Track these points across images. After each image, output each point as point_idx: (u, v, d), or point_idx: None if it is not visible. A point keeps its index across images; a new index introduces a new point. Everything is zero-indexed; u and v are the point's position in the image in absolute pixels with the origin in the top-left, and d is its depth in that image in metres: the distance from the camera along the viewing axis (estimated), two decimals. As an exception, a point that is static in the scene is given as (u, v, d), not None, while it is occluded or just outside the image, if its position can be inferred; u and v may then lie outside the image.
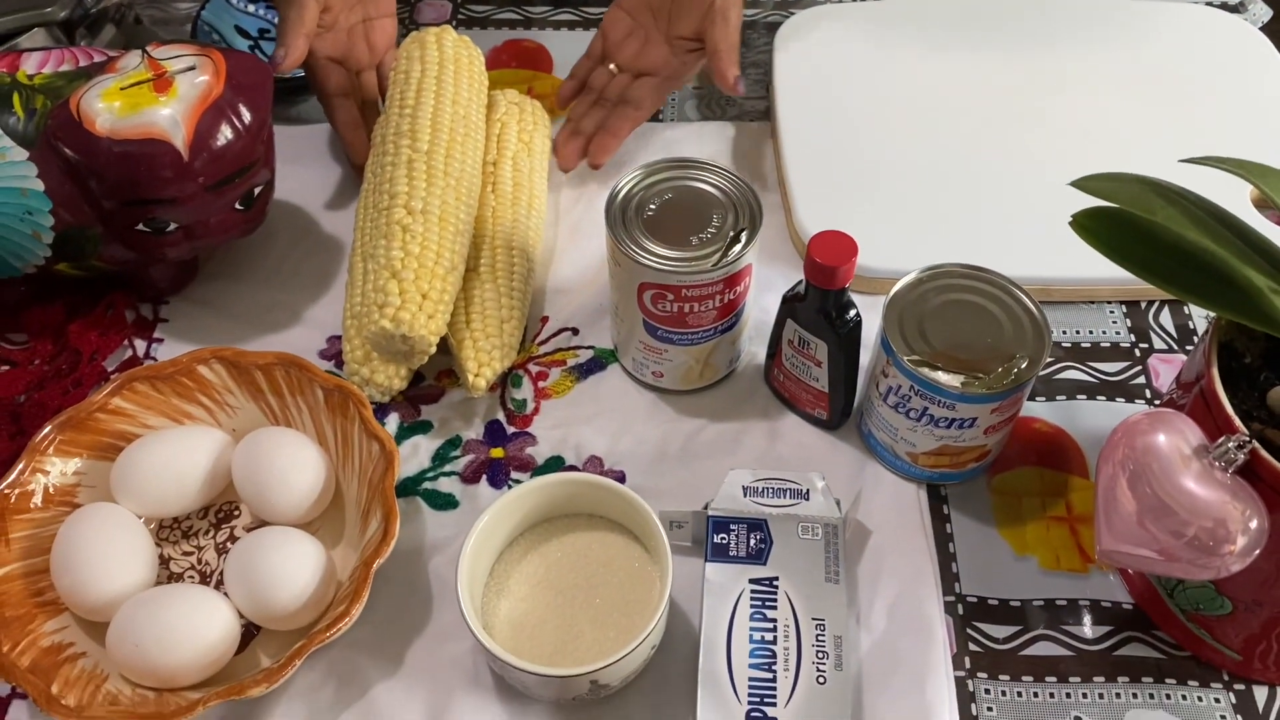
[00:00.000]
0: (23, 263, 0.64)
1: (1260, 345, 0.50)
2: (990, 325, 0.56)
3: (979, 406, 0.55)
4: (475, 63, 0.71)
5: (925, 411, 0.55)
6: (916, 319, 0.56)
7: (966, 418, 0.55)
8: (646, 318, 0.60)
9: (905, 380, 0.55)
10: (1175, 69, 0.80)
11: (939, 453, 0.58)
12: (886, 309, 0.56)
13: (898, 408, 0.57)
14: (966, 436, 0.57)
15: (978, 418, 0.55)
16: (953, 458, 0.58)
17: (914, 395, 0.55)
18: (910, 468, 0.60)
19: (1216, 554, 0.45)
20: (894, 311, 0.56)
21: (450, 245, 0.62)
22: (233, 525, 0.60)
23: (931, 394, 0.54)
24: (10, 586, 0.54)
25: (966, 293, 0.57)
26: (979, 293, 0.57)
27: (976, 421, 0.55)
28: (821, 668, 0.51)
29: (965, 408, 0.55)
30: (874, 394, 0.59)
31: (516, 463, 0.62)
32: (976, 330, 0.56)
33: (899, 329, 0.56)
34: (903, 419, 0.57)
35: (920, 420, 0.56)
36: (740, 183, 0.60)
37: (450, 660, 0.55)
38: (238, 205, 0.63)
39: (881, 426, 0.59)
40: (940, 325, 0.56)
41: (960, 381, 0.54)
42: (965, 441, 0.57)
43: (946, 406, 0.55)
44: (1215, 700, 0.54)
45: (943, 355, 0.55)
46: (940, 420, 0.56)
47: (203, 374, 0.61)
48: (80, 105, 0.59)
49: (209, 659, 0.52)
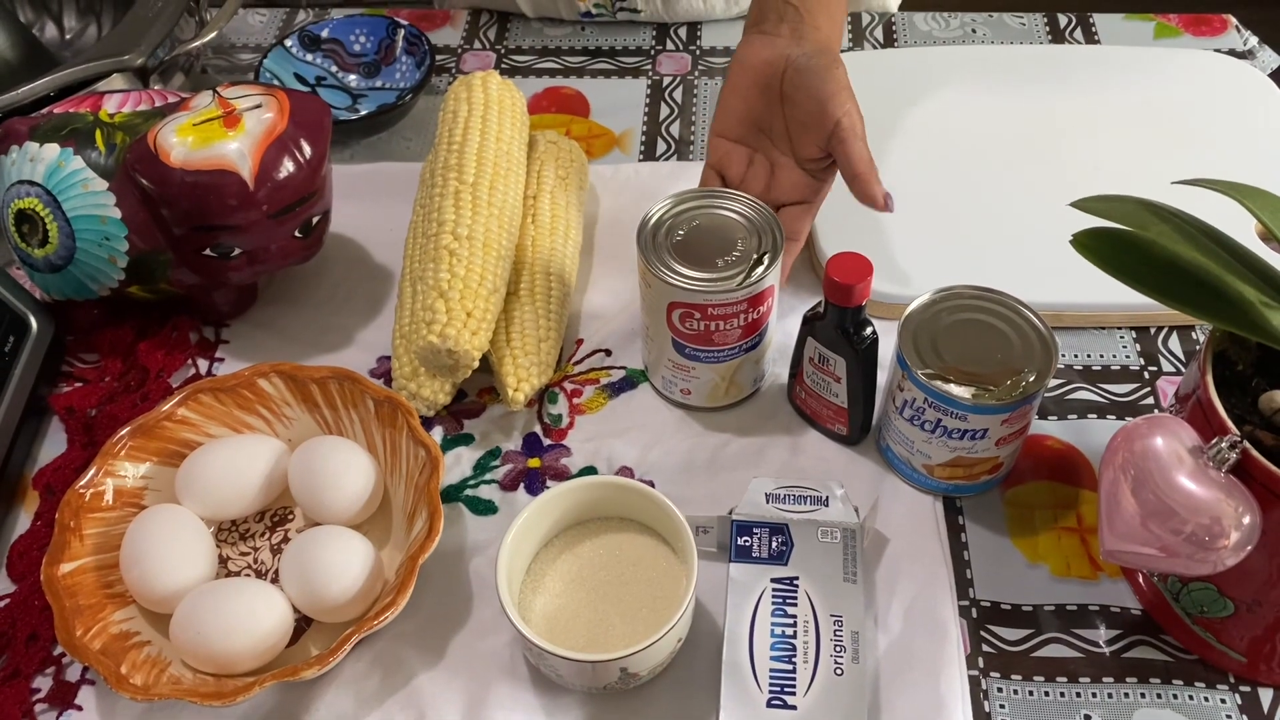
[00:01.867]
0: (98, 285, 0.69)
1: (1252, 354, 0.53)
2: (1000, 342, 0.59)
3: (990, 418, 0.58)
4: (517, 104, 0.76)
5: (939, 423, 0.59)
6: (930, 336, 0.59)
7: (978, 429, 0.58)
8: (675, 336, 0.64)
9: (920, 394, 0.58)
10: (1184, 112, 0.84)
11: (954, 464, 0.61)
12: (902, 327, 0.60)
13: (913, 420, 0.60)
14: (979, 448, 0.60)
15: (989, 429, 0.58)
16: (966, 469, 0.61)
17: (928, 408, 0.58)
18: (927, 480, 0.63)
19: (1212, 549, 0.48)
20: (909, 330, 0.60)
21: (493, 268, 0.66)
22: (287, 528, 0.64)
23: (945, 405, 0.58)
24: (83, 578, 0.58)
25: (977, 312, 0.61)
26: (989, 312, 0.60)
27: (988, 433, 0.59)
28: (839, 660, 0.54)
29: (977, 419, 0.58)
30: (891, 409, 0.62)
31: (552, 472, 0.66)
32: (987, 347, 0.59)
33: (913, 345, 0.59)
34: (918, 431, 0.60)
35: (935, 432, 0.59)
36: (763, 210, 0.64)
37: (489, 653, 0.58)
38: (297, 233, 0.68)
39: (899, 440, 0.62)
40: (952, 342, 0.59)
41: (971, 394, 0.57)
42: (978, 453, 0.60)
43: (959, 418, 0.58)
44: (1221, 701, 0.56)
45: (955, 370, 0.58)
46: (954, 432, 0.59)
47: (262, 387, 0.65)
48: (157, 139, 0.65)
49: (265, 646, 0.56)
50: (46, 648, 0.59)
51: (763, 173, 0.69)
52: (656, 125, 0.88)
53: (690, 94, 0.91)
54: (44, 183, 0.66)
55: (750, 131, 0.69)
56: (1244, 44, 0.94)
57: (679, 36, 0.96)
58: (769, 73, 0.67)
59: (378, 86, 0.91)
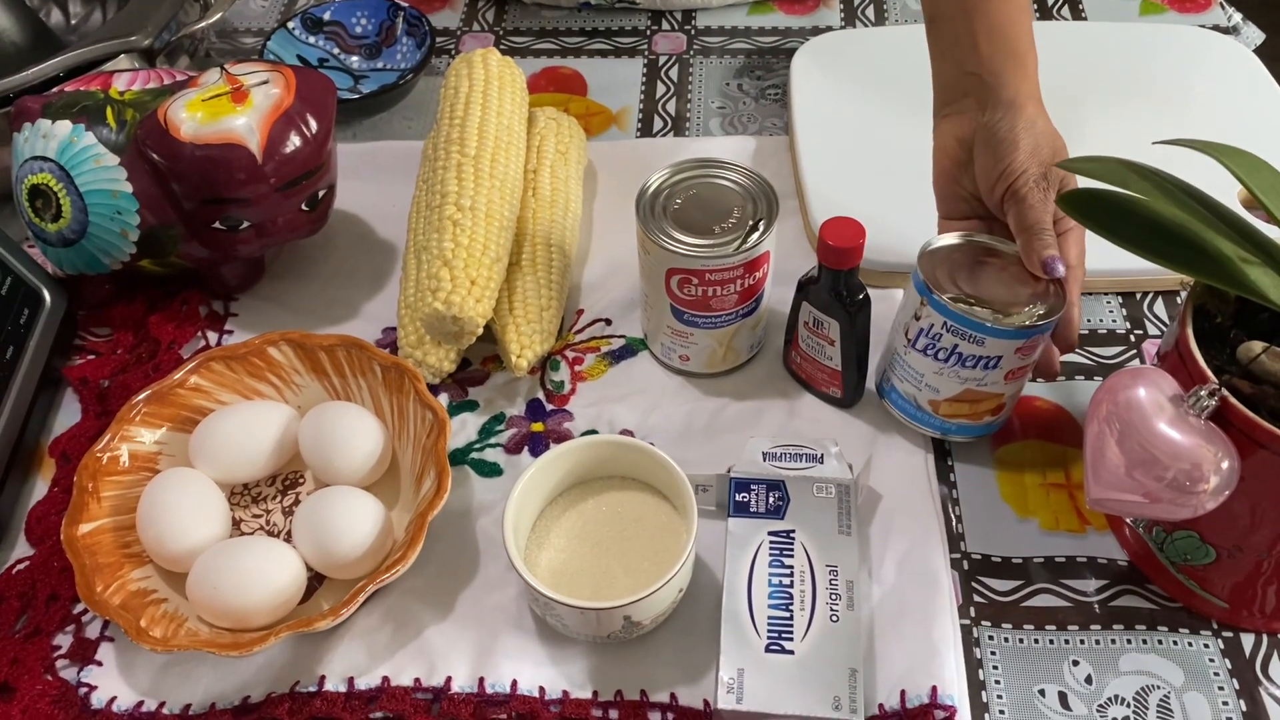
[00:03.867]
0: (110, 259, 0.71)
1: (1231, 307, 0.54)
2: (1013, 282, 0.60)
3: (1006, 343, 0.58)
4: (517, 80, 0.78)
5: (955, 349, 0.59)
6: (949, 268, 0.60)
7: (993, 355, 0.59)
8: (673, 302, 0.66)
9: (939, 318, 0.59)
10: (1169, 86, 0.86)
11: (961, 399, 0.62)
12: (921, 259, 0.60)
13: (927, 350, 0.61)
14: (989, 379, 0.60)
15: (1002, 357, 0.59)
16: (971, 406, 0.62)
17: (945, 333, 0.59)
18: (931, 418, 0.64)
19: (1193, 493, 0.50)
20: (929, 260, 0.61)
21: (496, 238, 0.68)
22: (298, 490, 0.65)
23: (964, 328, 0.58)
24: (102, 538, 0.60)
25: (994, 256, 0.62)
26: (1005, 257, 0.61)
27: (1000, 362, 0.59)
28: (835, 608, 0.56)
29: (994, 343, 0.58)
30: (901, 345, 0.63)
31: (555, 435, 0.67)
32: (1002, 285, 0.60)
33: (933, 274, 0.60)
34: (930, 362, 0.61)
35: (948, 361, 0.60)
36: (758, 179, 0.66)
37: (496, 606, 0.60)
38: (304, 206, 0.70)
39: (906, 378, 0.63)
40: (970, 276, 0.60)
41: (991, 314, 0.58)
42: (987, 386, 0.61)
43: (976, 342, 0.59)
44: (1205, 645, 0.58)
45: (974, 297, 0.59)
46: (968, 359, 0.59)
47: (272, 355, 0.67)
48: (167, 114, 0.66)
49: (278, 601, 0.57)
50: (66, 607, 0.61)
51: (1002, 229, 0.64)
52: (653, 103, 0.90)
53: (686, 72, 0.93)
54: (57, 158, 0.68)
55: (973, 205, 0.66)
56: (1228, 20, 0.95)
57: (674, 18, 0.98)
58: (963, 149, 0.65)
59: (379, 68, 0.93)
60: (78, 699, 0.57)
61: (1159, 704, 0.56)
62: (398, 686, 0.57)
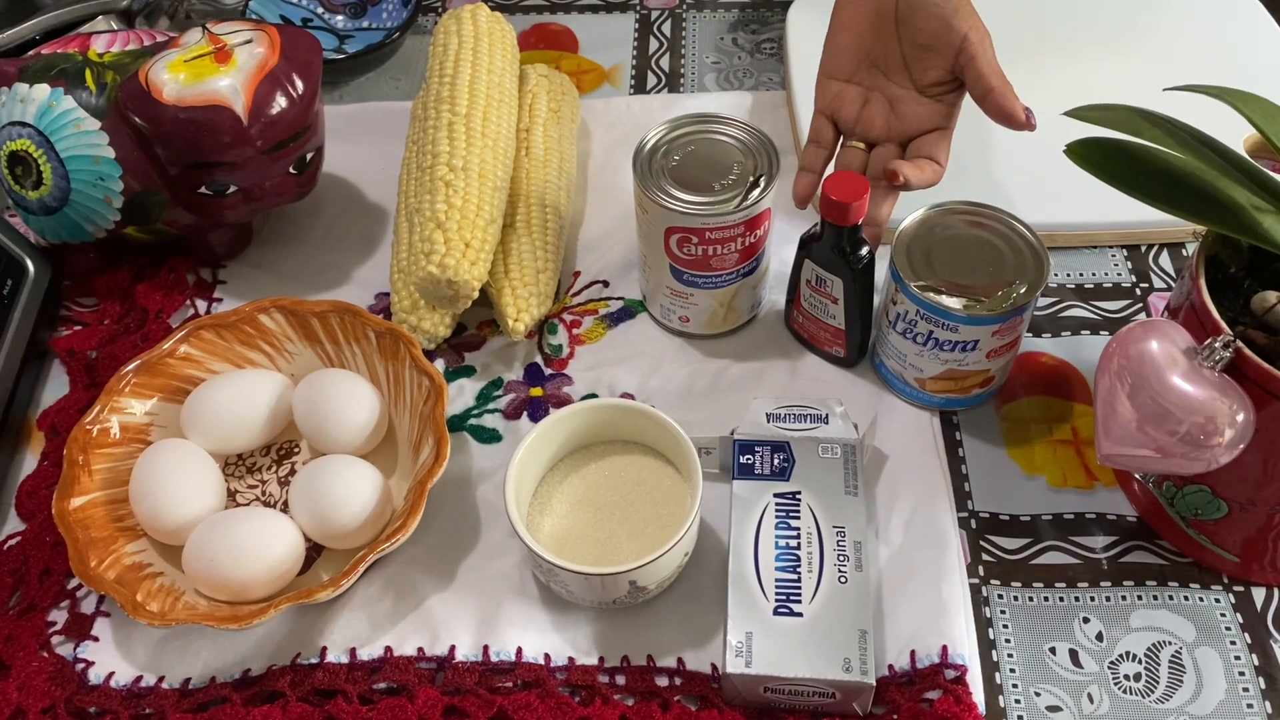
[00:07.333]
0: (94, 227, 0.69)
1: (1244, 257, 0.53)
2: (992, 255, 0.60)
3: (980, 329, 0.58)
4: (507, 36, 0.76)
5: (931, 335, 0.59)
6: (924, 250, 0.60)
7: (969, 340, 0.59)
8: (673, 262, 0.65)
9: (912, 306, 0.59)
10: (1173, 34, 0.84)
11: (945, 377, 0.62)
12: (895, 242, 0.61)
13: (906, 334, 0.61)
14: (970, 360, 0.60)
15: (979, 340, 0.59)
16: (958, 382, 0.62)
17: (920, 320, 0.59)
18: (920, 393, 0.64)
19: (1207, 447, 0.49)
20: (902, 243, 0.60)
21: (489, 199, 0.66)
22: (294, 460, 0.64)
23: (936, 317, 0.58)
24: (94, 512, 0.59)
25: (970, 227, 0.61)
26: (982, 226, 0.61)
27: (979, 344, 0.59)
28: (843, 569, 0.55)
29: (968, 330, 0.58)
30: (885, 324, 0.63)
31: (555, 400, 0.66)
32: (979, 260, 0.60)
33: (907, 258, 0.60)
34: (911, 345, 0.61)
35: (926, 345, 0.60)
36: (758, 134, 0.64)
37: (498, 574, 0.59)
38: (292, 169, 0.68)
39: (892, 355, 0.63)
40: (945, 256, 0.60)
41: (962, 304, 0.58)
42: (969, 365, 0.61)
43: (950, 329, 0.59)
44: (1216, 600, 0.58)
45: (947, 282, 0.59)
46: (945, 344, 0.59)
47: (263, 322, 0.65)
48: (148, 76, 0.64)
49: (277, 572, 0.56)
50: (60, 582, 0.60)
51: (880, 110, 0.65)
52: (646, 59, 0.88)
53: (679, 27, 0.91)
54: (35, 123, 0.66)
55: (862, 68, 0.65)
56: (1230, -34, 0.94)
57: (666, -29, 0.96)
58: (884, 20, 0.64)
59: (364, 27, 0.91)
60: (74, 675, 0.56)
61: (1171, 659, 0.56)
62: (401, 656, 0.56)
